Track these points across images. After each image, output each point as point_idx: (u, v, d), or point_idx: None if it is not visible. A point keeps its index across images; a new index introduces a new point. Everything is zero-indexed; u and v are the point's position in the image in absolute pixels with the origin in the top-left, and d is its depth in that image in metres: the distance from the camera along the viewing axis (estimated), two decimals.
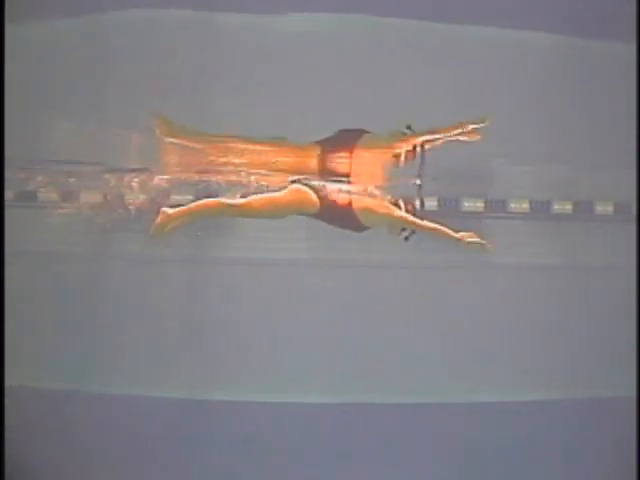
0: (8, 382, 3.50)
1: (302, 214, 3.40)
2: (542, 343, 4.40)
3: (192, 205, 3.37)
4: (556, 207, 4.41)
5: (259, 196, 3.33)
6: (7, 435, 3.44)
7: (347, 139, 3.32)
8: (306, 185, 3.30)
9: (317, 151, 3.33)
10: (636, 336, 3.92)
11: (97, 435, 4.17)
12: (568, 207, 4.41)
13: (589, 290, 4.43)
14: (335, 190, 3.28)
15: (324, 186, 3.29)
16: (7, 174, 3.55)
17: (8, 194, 3.75)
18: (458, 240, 3.24)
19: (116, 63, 4.29)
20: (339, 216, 3.34)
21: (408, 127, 3.27)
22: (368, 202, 3.28)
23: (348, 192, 3.27)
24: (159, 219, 3.35)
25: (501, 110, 3.26)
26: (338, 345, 4.33)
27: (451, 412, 4.30)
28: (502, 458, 4.16)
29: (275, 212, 3.40)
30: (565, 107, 4.37)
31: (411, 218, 3.25)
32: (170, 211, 3.35)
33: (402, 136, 3.27)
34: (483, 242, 3.26)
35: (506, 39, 4.36)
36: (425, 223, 3.25)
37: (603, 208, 4.41)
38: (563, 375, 4.41)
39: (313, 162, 3.31)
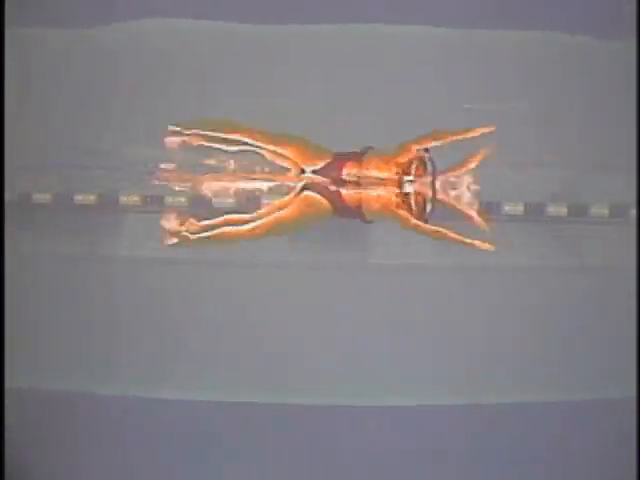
0: (8, 384, 3.51)
1: (317, 220, 3.38)
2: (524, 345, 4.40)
3: (209, 234, 3.37)
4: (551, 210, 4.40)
5: (266, 219, 3.29)
6: (7, 436, 3.44)
7: (355, 154, 3.31)
8: (316, 192, 3.28)
9: (327, 157, 3.31)
10: (636, 337, 3.92)
11: (97, 436, 4.19)
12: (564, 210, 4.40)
13: (585, 291, 4.43)
14: (345, 193, 3.26)
15: (334, 190, 3.27)
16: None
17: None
18: (472, 246, 3.22)
19: (123, 71, 4.31)
20: (348, 214, 3.32)
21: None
22: (377, 207, 3.25)
23: (358, 194, 3.24)
24: (180, 239, 3.40)
25: (504, 113, 3.28)
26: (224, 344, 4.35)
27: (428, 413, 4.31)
28: (501, 460, 4.18)
29: (288, 227, 3.38)
30: (564, 106, 4.36)
31: (423, 226, 3.21)
32: (191, 237, 3.38)
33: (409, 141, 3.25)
34: (492, 248, 3.24)
35: (507, 41, 4.36)
36: (437, 232, 3.22)
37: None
38: (560, 377, 4.41)
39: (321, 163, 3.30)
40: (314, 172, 3.26)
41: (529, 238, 4.42)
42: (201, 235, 3.37)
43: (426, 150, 3.22)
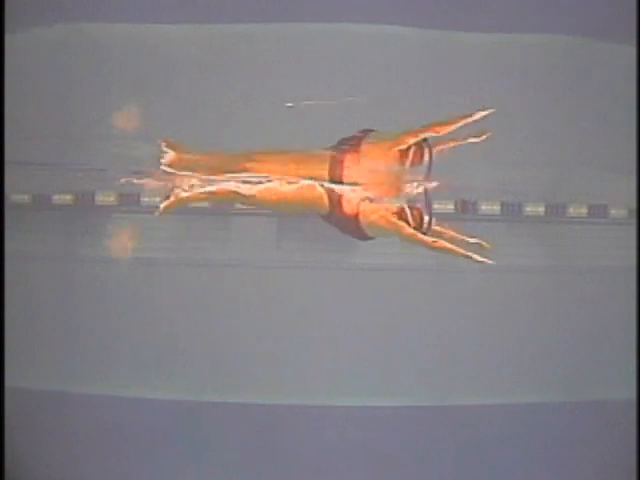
0: (8, 383, 3.51)
1: (310, 212, 3.41)
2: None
3: (204, 191, 3.42)
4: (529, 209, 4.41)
5: (271, 188, 3.35)
6: (7, 436, 3.44)
7: (352, 142, 3.33)
8: (321, 185, 3.30)
9: (326, 158, 3.34)
10: (636, 338, 3.92)
11: (96, 436, 4.19)
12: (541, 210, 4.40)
13: (586, 292, 4.43)
14: (345, 198, 3.28)
15: (336, 190, 3.29)
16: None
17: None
18: (470, 258, 3.25)
19: (110, 76, 4.31)
20: (345, 224, 3.35)
21: None
22: (374, 218, 3.27)
23: (357, 203, 3.27)
24: (172, 200, 3.43)
25: (504, 112, 3.28)
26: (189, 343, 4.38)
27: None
28: (501, 460, 4.18)
29: (284, 206, 3.43)
30: (565, 108, 4.37)
31: (419, 236, 3.23)
32: (183, 195, 3.43)
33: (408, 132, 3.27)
34: (490, 261, 3.27)
35: (506, 42, 4.36)
36: (435, 243, 3.24)
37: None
38: (562, 377, 4.41)
39: (323, 169, 3.32)
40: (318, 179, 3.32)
41: (527, 239, 4.44)
42: (203, 191, 3.42)
43: (424, 139, 3.26)
